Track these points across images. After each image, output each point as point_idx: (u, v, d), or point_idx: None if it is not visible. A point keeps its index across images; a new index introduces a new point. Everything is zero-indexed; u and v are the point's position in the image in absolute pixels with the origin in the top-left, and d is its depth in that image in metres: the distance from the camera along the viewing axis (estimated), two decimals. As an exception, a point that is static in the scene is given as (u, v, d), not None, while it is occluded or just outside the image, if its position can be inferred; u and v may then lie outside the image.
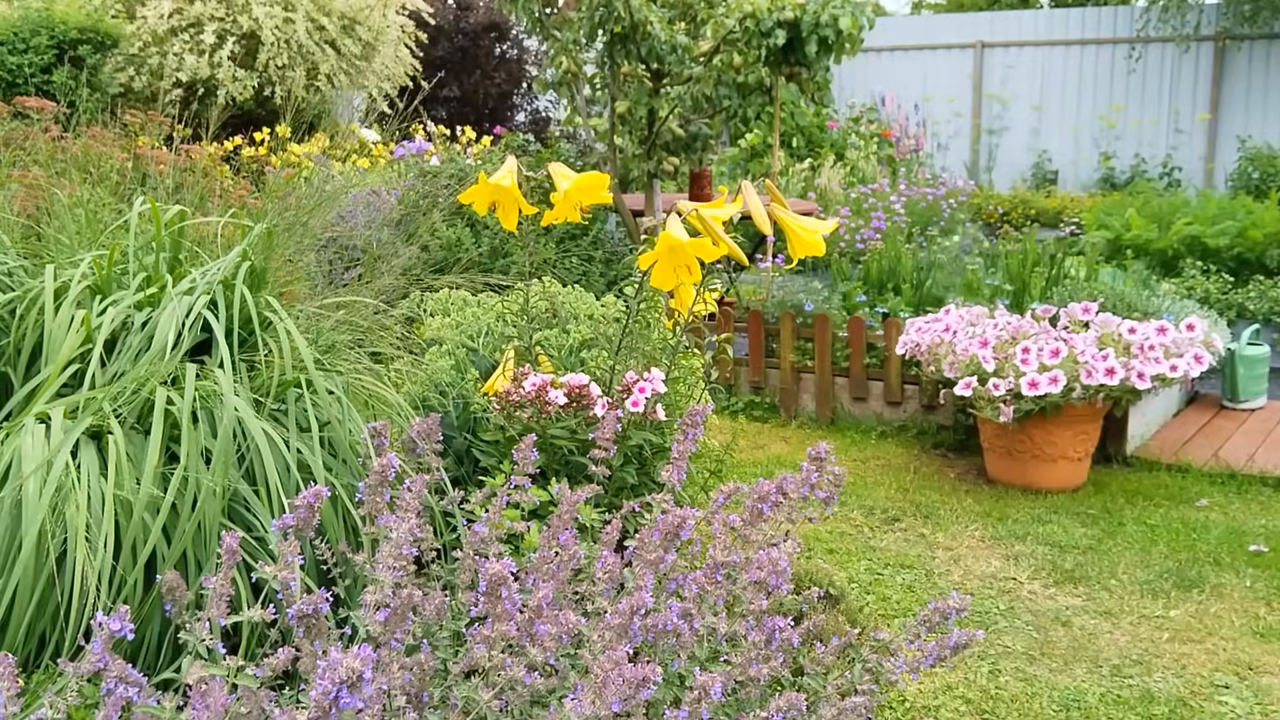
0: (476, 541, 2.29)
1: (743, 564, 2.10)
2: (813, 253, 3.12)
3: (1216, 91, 12.65)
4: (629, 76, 6.10)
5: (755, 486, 2.19)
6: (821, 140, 10.93)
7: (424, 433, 2.40)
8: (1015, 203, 11.51)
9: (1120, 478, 4.69)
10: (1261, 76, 12.44)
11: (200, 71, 9.38)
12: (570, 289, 3.86)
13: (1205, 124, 12.65)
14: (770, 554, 2.01)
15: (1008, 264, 5.29)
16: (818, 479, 2.37)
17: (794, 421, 5.58)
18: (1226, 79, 12.60)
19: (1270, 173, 11.45)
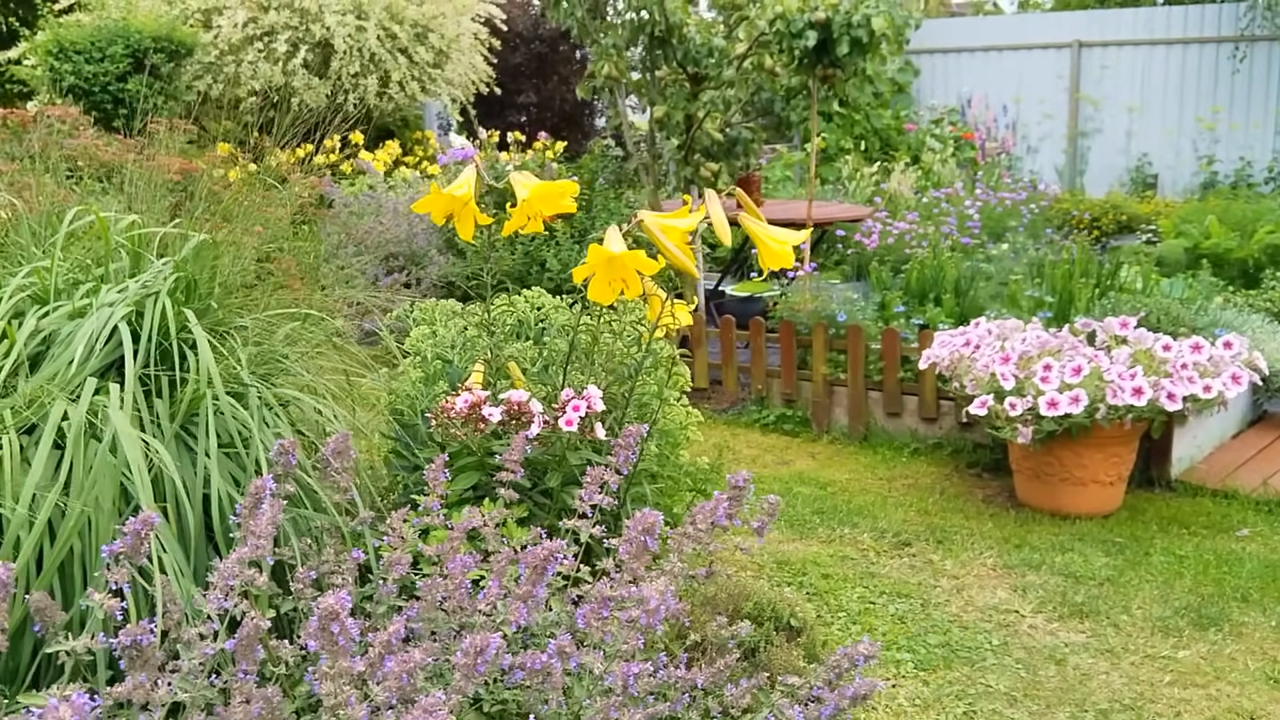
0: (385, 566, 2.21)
1: (628, 601, 1.97)
2: (782, 265, 2.98)
3: (1330, 91, 11.98)
4: (666, 80, 5.99)
5: (639, 517, 2.06)
6: (899, 143, 10.65)
7: (337, 451, 2.33)
8: (1106, 208, 11.03)
9: (1159, 503, 4.41)
10: (1379, 74, 11.73)
11: (274, 79, 9.56)
12: (562, 299, 3.76)
13: (1315, 126, 11.97)
14: (643, 590, 1.88)
15: (1052, 274, 5.03)
16: (732, 509, 2.22)
17: (825, 436, 5.39)
18: (1340, 78, 11.92)
19: (1383, 177, 10.78)
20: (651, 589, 1.86)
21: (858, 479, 4.82)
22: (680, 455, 3.43)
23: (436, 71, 10.36)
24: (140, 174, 4.21)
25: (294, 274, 4.72)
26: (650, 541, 2.02)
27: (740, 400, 5.85)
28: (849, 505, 4.46)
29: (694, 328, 5.87)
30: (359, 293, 4.69)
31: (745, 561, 3.83)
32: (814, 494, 4.61)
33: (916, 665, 3.14)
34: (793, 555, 3.92)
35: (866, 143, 10.49)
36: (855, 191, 9.26)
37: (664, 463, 3.43)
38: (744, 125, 6.15)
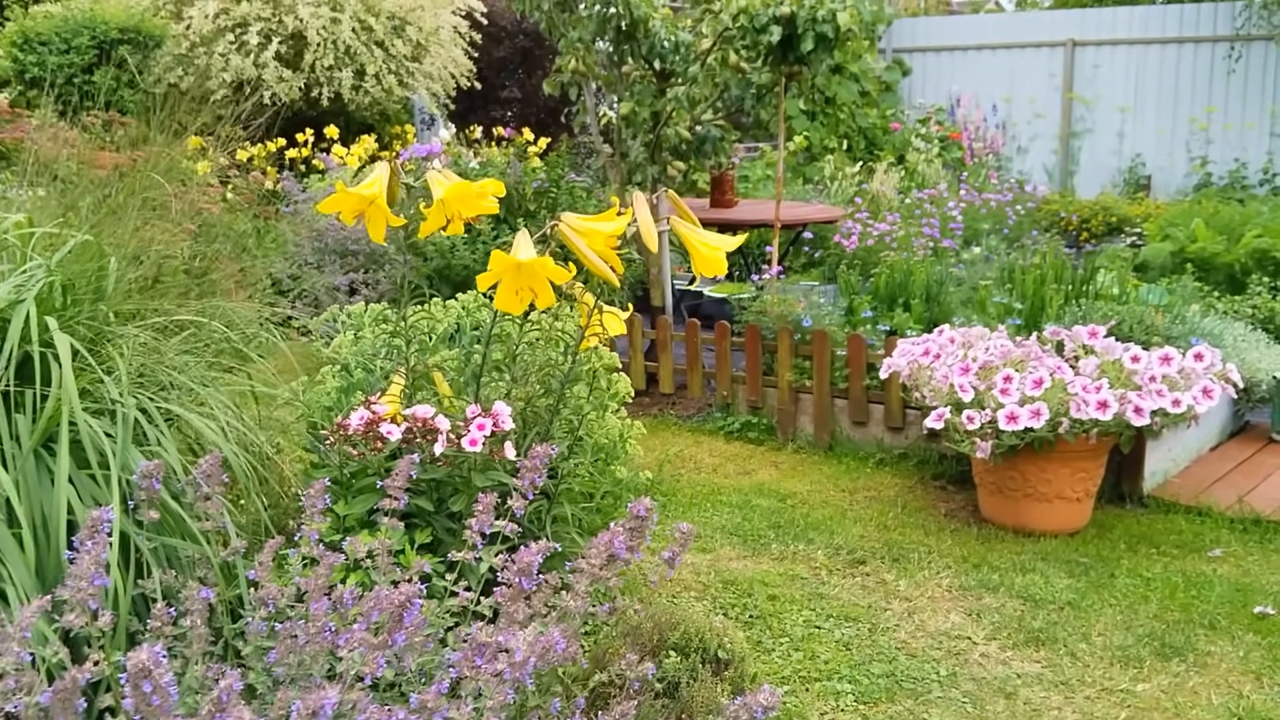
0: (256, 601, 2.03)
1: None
2: (713, 271, 2.80)
3: (1326, 93, 11.78)
4: (633, 76, 5.80)
5: (521, 554, 1.88)
6: (885, 143, 10.46)
7: (207, 473, 2.15)
8: (1096, 209, 10.84)
9: (1129, 520, 4.23)
10: (1376, 76, 11.53)
11: (246, 72, 9.38)
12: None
13: (1309, 127, 11.78)
14: (512, 638, 1.70)
15: (1022, 279, 4.84)
16: (633, 541, 2.04)
17: (790, 445, 5.21)
18: (1337, 79, 11.72)
19: (1379, 180, 10.60)
20: (521, 638, 1.67)
21: (819, 491, 4.64)
22: (618, 470, 3.25)
23: (415, 65, 10.17)
24: (66, 169, 4.03)
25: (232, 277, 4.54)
26: (526, 582, 1.83)
27: (706, 406, 5.67)
28: (807, 519, 4.28)
29: (659, 331, 5.69)
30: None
31: (689, 582, 3.65)
32: (772, 507, 4.43)
33: (857, 698, 2.96)
34: (741, 574, 3.74)
35: (851, 142, 10.30)
36: (837, 192, 9.07)
37: (597, 480, 3.25)
38: (714, 123, 5.96)
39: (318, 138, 9.97)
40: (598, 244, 2.70)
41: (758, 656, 3.15)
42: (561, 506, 2.75)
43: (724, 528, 4.20)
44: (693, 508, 4.43)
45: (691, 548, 3.99)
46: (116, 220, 2.89)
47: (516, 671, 1.63)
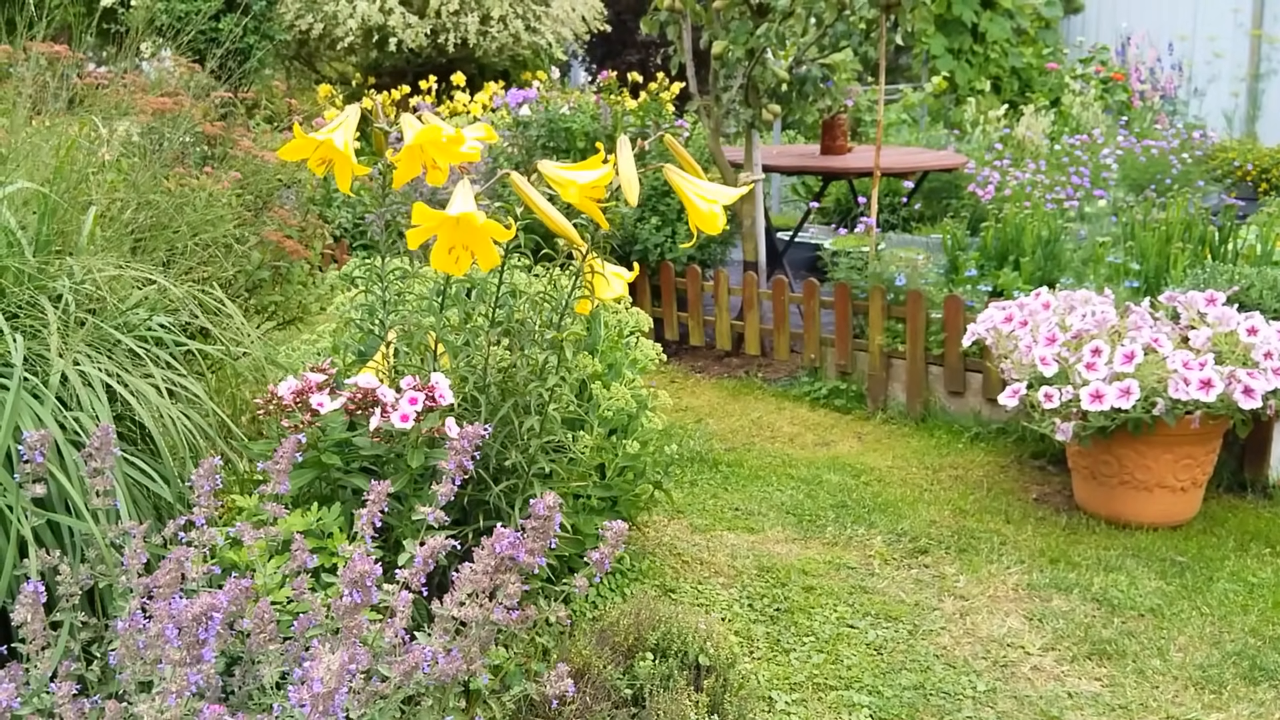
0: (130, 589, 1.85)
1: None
2: (709, 229, 2.48)
3: None
4: (730, 12, 5.41)
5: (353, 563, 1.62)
6: (1040, 84, 9.69)
7: (100, 445, 1.97)
8: (1279, 158, 9.82)
9: (1246, 513, 3.70)
10: None
11: (372, 18, 9.34)
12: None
13: None
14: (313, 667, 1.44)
15: (1141, 236, 4.28)
16: (533, 544, 1.76)
17: (880, 415, 4.81)
18: None
19: None
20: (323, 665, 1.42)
21: (900, 467, 4.24)
22: (629, 445, 2.96)
23: (541, 8, 9.95)
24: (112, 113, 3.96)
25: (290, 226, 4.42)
26: (355, 594, 1.58)
27: (795, 370, 5.31)
28: (876, 500, 3.91)
29: (745, 288, 5.34)
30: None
31: (722, 566, 3.35)
32: (842, 483, 4.07)
33: (873, 713, 2.62)
34: (782, 560, 3.41)
35: (1002, 83, 9.58)
36: (978, 137, 8.44)
37: (609, 455, 2.97)
38: (818, 62, 5.52)
39: (446, 85, 9.89)
40: (572, 195, 2.40)
41: (773, 657, 2.83)
42: (532, 488, 2.49)
43: (782, 505, 3.87)
44: (755, 481, 4.11)
45: (737, 528, 3.69)
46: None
47: (319, 706, 1.38)
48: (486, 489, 2.52)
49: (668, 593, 3.16)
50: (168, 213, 3.23)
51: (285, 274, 4.54)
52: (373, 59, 9.94)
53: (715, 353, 5.63)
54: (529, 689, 1.93)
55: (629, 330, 3.23)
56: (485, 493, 2.52)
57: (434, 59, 10.04)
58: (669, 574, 3.28)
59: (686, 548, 3.48)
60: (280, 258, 4.37)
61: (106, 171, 3.24)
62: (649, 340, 3.26)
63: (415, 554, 1.89)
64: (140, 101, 3.95)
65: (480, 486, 2.55)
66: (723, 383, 5.30)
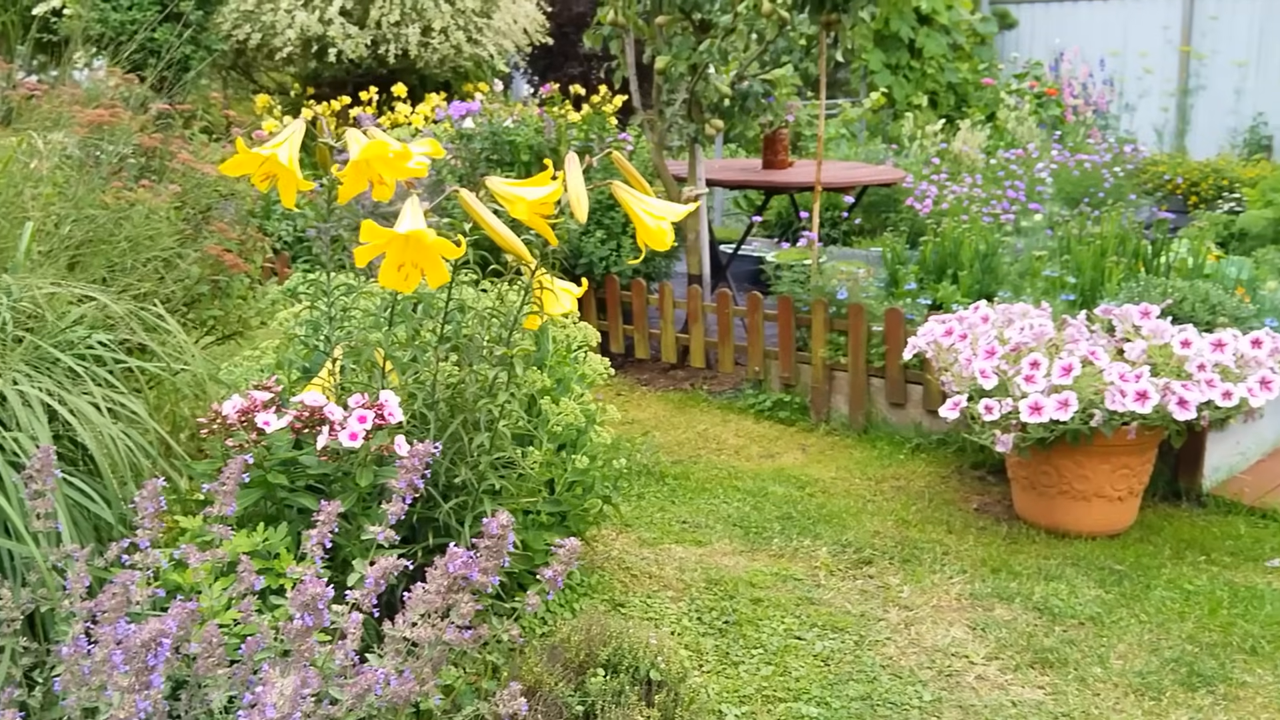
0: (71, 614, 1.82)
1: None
2: (657, 245, 2.49)
3: None
4: (672, 29, 5.44)
5: (305, 584, 1.61)
6: (976, 99, 9.86)
7: (41, 468, 1.93)
8: (1207, 172, 10.07)
9: (1181, 522, 3.79)
10: None
11: (312, 28, 9.26)
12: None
13: None
14: (264, 693, 1.43)
15: (1077, 250, 4.37)
16: (487, 563, 1.76)
17: (823, 426, 4.85)
18: None
19: None
20: (275, 690, 1.41)
21: (843, 479, 4.29)
22: (578, 460, 2.96)
23: (483, 20, 9.93)
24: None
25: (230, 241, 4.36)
26: (306, 618, 1.57)
27: (740, 382, 5.34)
28: (821, 511, 3.94)
29: (690, 301, 5.37)
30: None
31: (671, 580, 3.36)
32: (788, 495, 4.10)
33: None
34: (731, 572, 3.43)
35: (940, 98, 9.73)
36: (916, 151, 8.56)
37: (559, 470, 2.97)
38: (759, 78, 5.57)
39: (387, 96, 9.82)
40: (521, 211, 2.40)
41: (722, 670, 2.85)
42: (482, 505, 2.48)
43: (729, 517, 3.89)
44: (702, 493, 4.13)
45: (685, 540, 3.70)
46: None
47: (273, 730, 1.37)
48: (436, 506, 2.51)
49: (617, 607, 3.16)
50: (106, 227, 3.17)
51: (225, 288, 4.48)
52: (312, 69, 9.85)
53: (660, 366, 5.64)
54: (481, 709, 1.92)
55: (577, 345, 3.24)
56: (434, 510, 2.51)
57: (374, 70, 9.97)
58: (618, 588, 3.28)
59: (635, 561, 3.49)
60: (220, 271, 4.31)
61: (42, 185, 3.18)
62: (597, 355, 3.27)
63: (366, 574, 1.88)
64: (77, 114, 3.88)
65: (429, 504, 2.54)
66: (668, 395, 5.32)
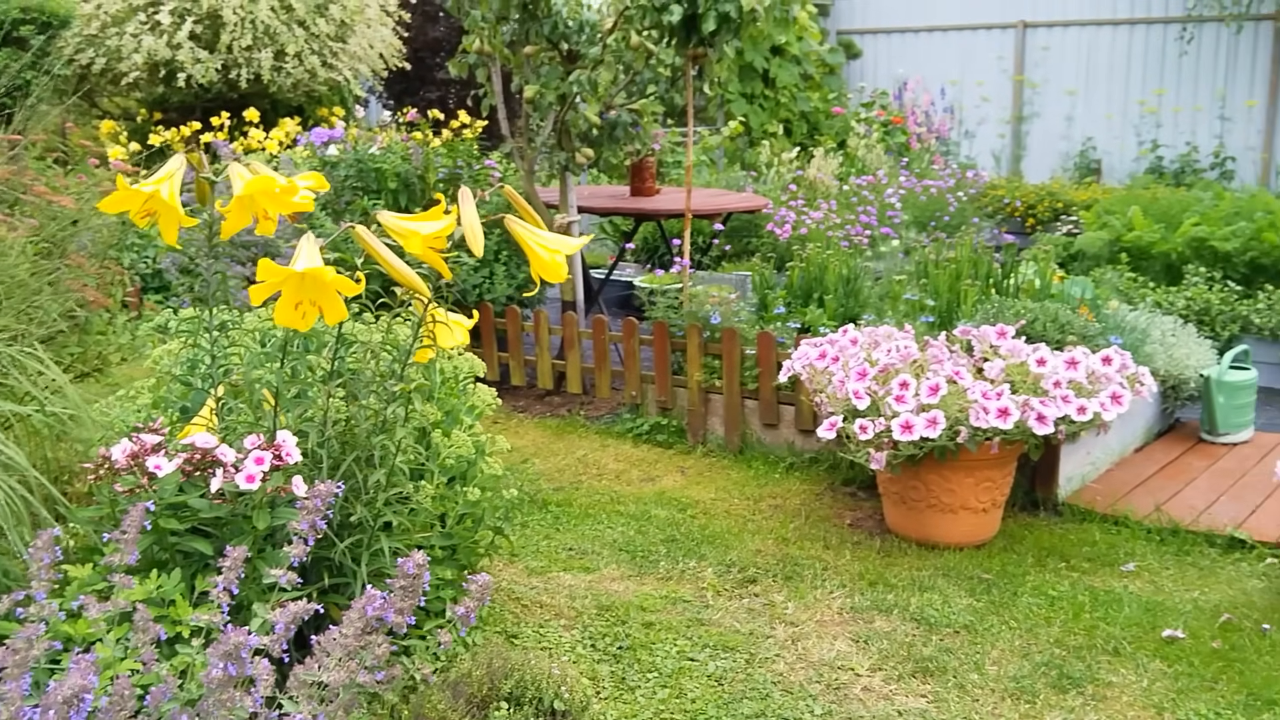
0: None
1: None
2: (553, 277, 2.52)
3: (1276, 75, 11.58)
4: (540, 58, 5.49)
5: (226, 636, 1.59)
6: (827, 127, 10.18)
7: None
8: (1042, 195, 10.62)
9: (1041, 531, 4.00)
10: (1328, 58, 11.35)
11: (159, 53, 8.99)
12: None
13: (1257, 111, 11.61)
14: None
15: (936, 274, 4.59)
16: (403, 603, 1.76)
17: (700, 448, 4.95)
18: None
19: (1328, 164, 10.43)
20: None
21: (723, 499, 4.38)
22: (469, 492, 2.96)
23: (339, 45, 9.80)
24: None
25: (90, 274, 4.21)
26: (229, 667, 1.55)
27: (617, 407, 5.40)
28: (704, 532, 4.02)
29: (565, 328, 5.41)
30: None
31: (562, 608, 3.38)
32: (670, 518, 4.16)
33: (719, 743, 2.70)
34: (621, 598, 3.47)
35: (792, 126, 10.02)
36: (773, 178, 8.80)
37: (450, 503, 2.97)
38: (627, 107, 5.67)
39: (238, 121, 9.60)
40: (416, 246, 2.41)
41: (619, 695, 2.88)
42: (379, 542, 2.46)
43: (614, 543, 3.93)
44: (586, 520, 4.16)
45: (573, 568, 3.72)
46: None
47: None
48: (330, 546, 2.48)
49: (510, 638, 3.16)
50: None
51: (84, 324, 4.32)
52: (159, 94, 9.55)
53: (537, 392, 5.66)
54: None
55: (463, 376, 3.24)
56: (328, 550, 2.48)
57: (224, 94, 9.73)
58: (510, 619, 3.29)
59: (525, 591, 3.49)
60: (80, 306, 4.15)
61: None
62: (485, 385, 3.28)
63: (269, 619, 1.85)
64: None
65: (322, 543, 2.51)
66: (546, 422, 5.34)
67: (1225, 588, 3.55)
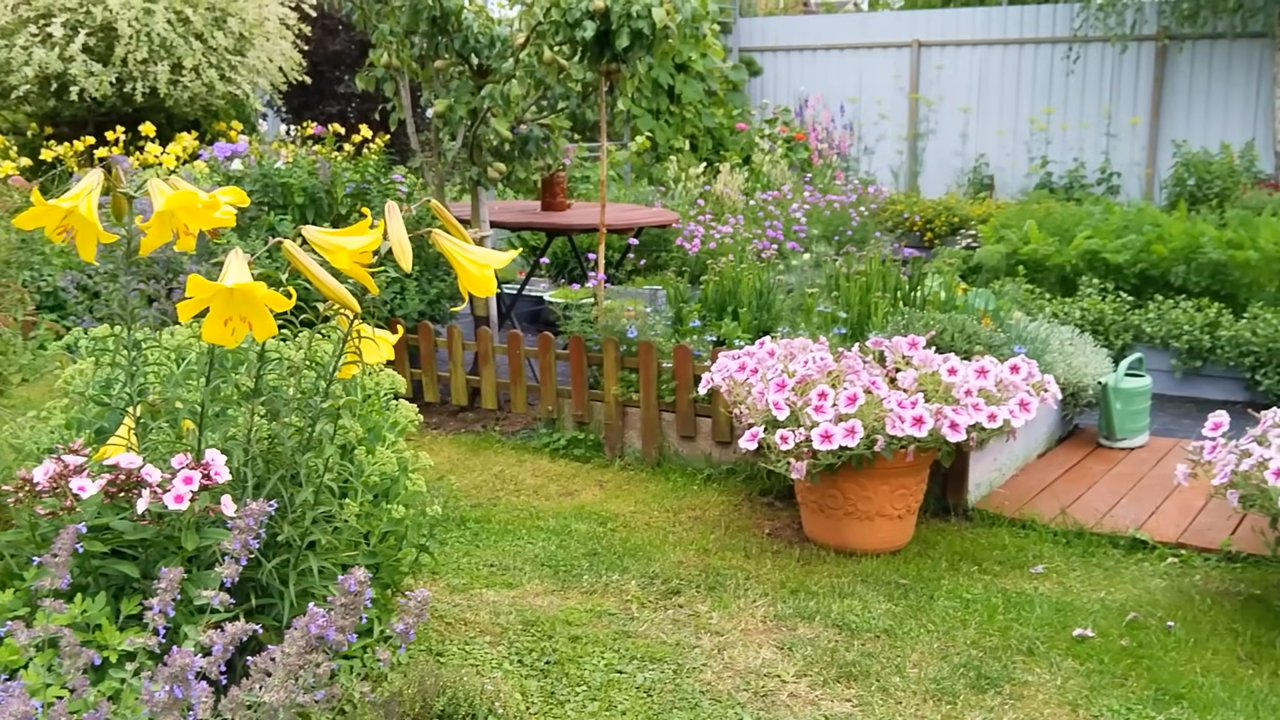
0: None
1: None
2: (482, 291, 2.52)
3: (1158, 94, 12.09)
4: (450, 73, 5.47)
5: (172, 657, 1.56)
6: (731, 143, 10.32)
7: None
8: (939, 210, 10.92)
9: (953, 536, 4.10)
10: (1204, 78, 11.88)
11: (51, 66, 8.72)
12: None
13: (1141, 128, 12.11)
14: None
15: (847, 287, 4.69)
16: (345, 621, 1.74)
17: (618, 462, 4.96)
18: (1168, 80, 12.04)
19: (1206, 179, 10.90)
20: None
21: (642, 512, 4.40)
22: (394, 509, 2.93)
23: (238, 58, 9.63)
24: None
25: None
26: (175, 690, 1.52)
27: (533, 422, 5.39)
28: (625, 545, 4.03)
29: (480, 343, 5.38)
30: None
31: (487, 625, 3.36)
32: (591, 532, 4.17)
33: (652, 754, 2.71)
34: (546, 613, 3.46)
35: (698, 142, 10.13)
36: (681, 193, 8.88)
37: (375, 521, 2.93)
38: (539, 122, 5.67)
39: (134, 136, 9.36)
40: (343, 261, 2.39)
41: (549, 710, 2.88)
42: (306, 561, 2.43)
43: (536, 558, 3.93)
44: (506, 535, 4.15)
45: (495, 584, 3.71)
46: None
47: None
48: (257, 566, 2.44)
49: (436, 656, 3.13)
50: None
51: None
52: (50, 108, 9.27)
53: (450, 408, 5.62)
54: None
55: (385, 392, 3.21)
56: (255, 570, 2.44)
57: (119, 108, 9.49)
58: (434, 637, 3.26)
59: (448, 609, 3.46)
60: (-23, 326, 4.01)
61: None
62: (405, 402, 3.25)
63: (203, 640, 1.82)
64: None
65: (249, 564, 2.46)
66: (460, 438, 5.30)
67: (1130, 587, 3.69)
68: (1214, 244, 6.43)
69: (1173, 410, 5.84)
